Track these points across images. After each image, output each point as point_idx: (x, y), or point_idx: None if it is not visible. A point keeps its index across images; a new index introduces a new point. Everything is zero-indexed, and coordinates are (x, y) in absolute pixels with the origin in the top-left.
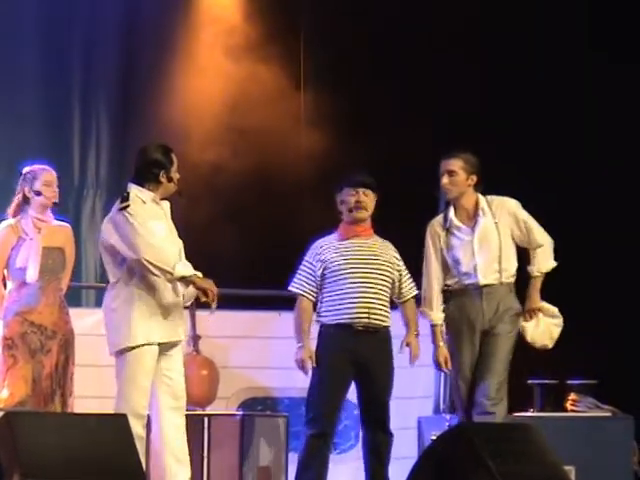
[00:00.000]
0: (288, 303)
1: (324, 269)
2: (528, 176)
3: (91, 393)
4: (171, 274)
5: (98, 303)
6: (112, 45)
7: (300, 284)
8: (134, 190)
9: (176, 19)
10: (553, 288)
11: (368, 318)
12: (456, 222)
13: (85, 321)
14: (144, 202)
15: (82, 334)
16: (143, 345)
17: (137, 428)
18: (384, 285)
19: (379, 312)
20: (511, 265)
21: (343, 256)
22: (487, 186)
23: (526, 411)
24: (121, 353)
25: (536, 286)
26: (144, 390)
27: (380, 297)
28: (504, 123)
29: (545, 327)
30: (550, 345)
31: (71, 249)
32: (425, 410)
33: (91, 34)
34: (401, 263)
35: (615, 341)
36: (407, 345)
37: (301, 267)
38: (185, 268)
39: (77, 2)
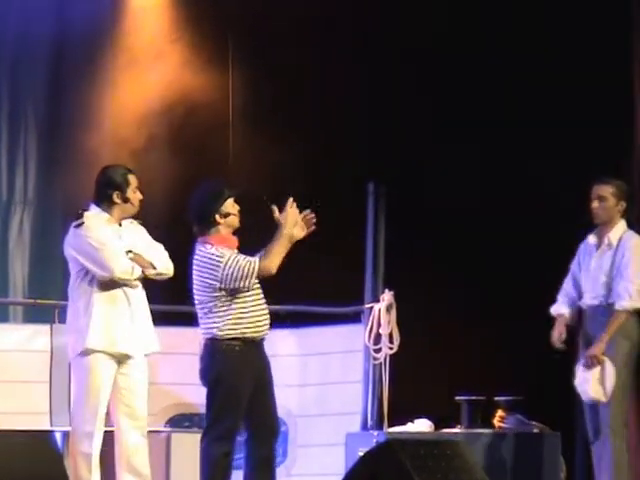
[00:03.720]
0: None
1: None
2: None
3: (19, 409)
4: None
5: (26, 319)
6: (41, 61)
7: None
8: (91, 211)
9: (105, 34)
10: (486, 303)
11: (267, 330)
12: None
13: (12, 337)
14: (103, 223)
15: (8, 350)
16: (98, 352)
17: (82, 445)
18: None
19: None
20: None
21: None
22: None
23: (453, 427)
24: (75, 360)
25: None
26: (94, 405)
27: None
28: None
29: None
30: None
31: None
32: (353, 426)
33: (20, 50)
34: None
35: (542, 358)
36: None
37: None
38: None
39: (6, 18)
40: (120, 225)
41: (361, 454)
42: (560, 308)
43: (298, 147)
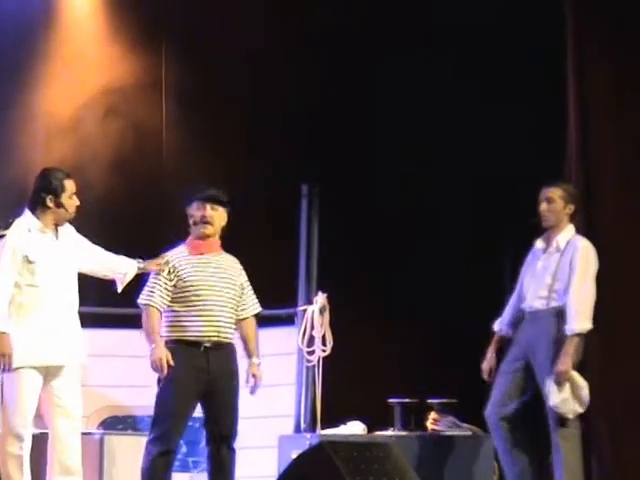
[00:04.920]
0: None
1: (177, 282)
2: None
3: None
4: None
5: None
6: None
7: (150, 297)
8: (24, 217)
9: (37, 36)
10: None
11: (218, 336)
12: None
13: None
14: (29, 230)
15: None
16: (22, 367)
17: (13, 447)
18: (230, 301)
19: (227, 329)
20: None
21: (195, 272)
22: None
23: (386, 430)
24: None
25: None
26: (24, 410)
27: (228, 314)
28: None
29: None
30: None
31: None
32: (286, 429)
33: None
34: (245, 279)
35: (474, 360)
36: (253, 376)
37: (153, 280)
38: (3, 327)
39: None
40: (57, 230)
41: (294, 456)
42: (499, 324)
43: (232, 149)
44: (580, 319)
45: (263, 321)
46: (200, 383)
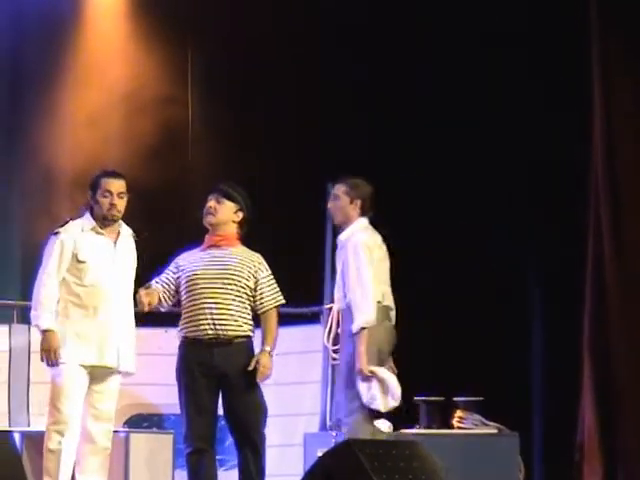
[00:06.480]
0: (173, 320)
1: (179, 277)
2: None
3: None
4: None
5: None
6: None
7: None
8: (82, 217)
9: (63, 37)
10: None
11: (215, 331)
12: None
13: None
14: (82, 230)
15: None
16: (66, 364)
17: (53, 442)
18: (235, 296)
19: (227, 324)
20: None
21: (195, 267)
22: None
23: (412, 428)
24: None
25: None
26: (66, 406)
27: (230, 309)
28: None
29: None
30: None
31: None
32: (311, 427)
33: None
34: (263, 275)
35: (500, 358)
36: (257, 362)
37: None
38: (45, 322)
39: None
40: (118, 232)
41: (320, 454)
42: None
43: (258, 149)
44: (360, 316)
45: (288, 319)
46: (210, 378)
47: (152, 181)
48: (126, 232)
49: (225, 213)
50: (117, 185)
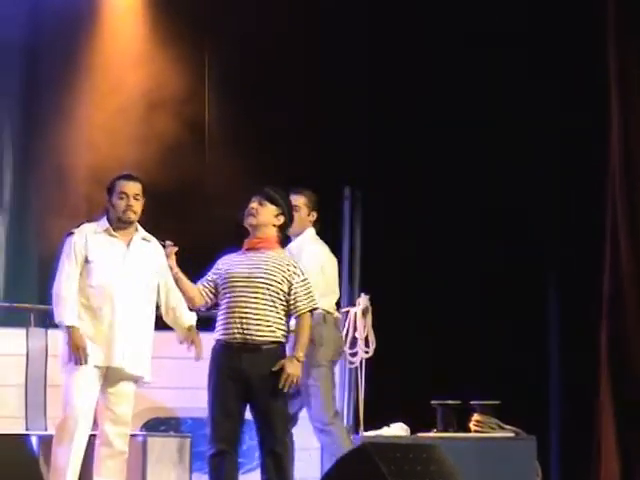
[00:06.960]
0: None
1: (217, 279)
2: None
3: None
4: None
5: (2, 323)
6: (15, 65)
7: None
8: (99, 220)
9: (80, 36)
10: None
11: (243, 335)
12: None
13: None
14: (95, 232)
15: None
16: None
17: (62, 440)
18: (268, 300)
19: (256, 329)
20: None
21: (231, 270)
22: None
23: (429, 431)
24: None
25: None
26: (76, 406)
27: (258, 313)
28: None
29: None
30: None
31: None
32: None
33: None
34: (297, 280)
35: (517, 362)
36: (280, 368)
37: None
38: (69, 319)
39: None
40: (132, 237)
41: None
42: None
43: (274, 152)
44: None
45: None
46: (238, 383)
47: (169, 181)
48: (142, 236)
49: (266, 216)
50: (133, 187)
